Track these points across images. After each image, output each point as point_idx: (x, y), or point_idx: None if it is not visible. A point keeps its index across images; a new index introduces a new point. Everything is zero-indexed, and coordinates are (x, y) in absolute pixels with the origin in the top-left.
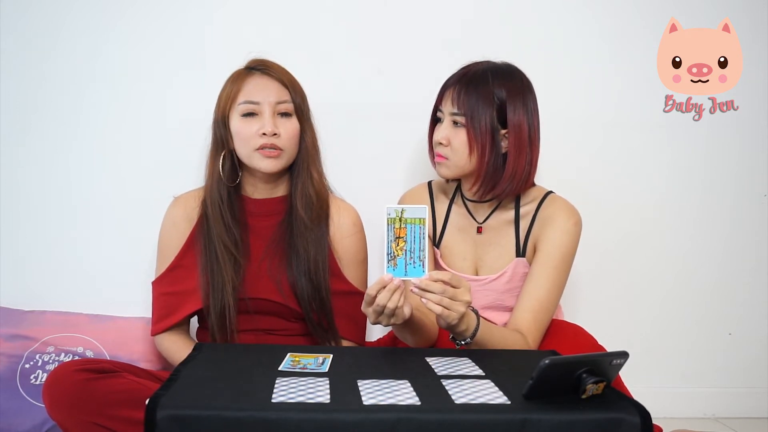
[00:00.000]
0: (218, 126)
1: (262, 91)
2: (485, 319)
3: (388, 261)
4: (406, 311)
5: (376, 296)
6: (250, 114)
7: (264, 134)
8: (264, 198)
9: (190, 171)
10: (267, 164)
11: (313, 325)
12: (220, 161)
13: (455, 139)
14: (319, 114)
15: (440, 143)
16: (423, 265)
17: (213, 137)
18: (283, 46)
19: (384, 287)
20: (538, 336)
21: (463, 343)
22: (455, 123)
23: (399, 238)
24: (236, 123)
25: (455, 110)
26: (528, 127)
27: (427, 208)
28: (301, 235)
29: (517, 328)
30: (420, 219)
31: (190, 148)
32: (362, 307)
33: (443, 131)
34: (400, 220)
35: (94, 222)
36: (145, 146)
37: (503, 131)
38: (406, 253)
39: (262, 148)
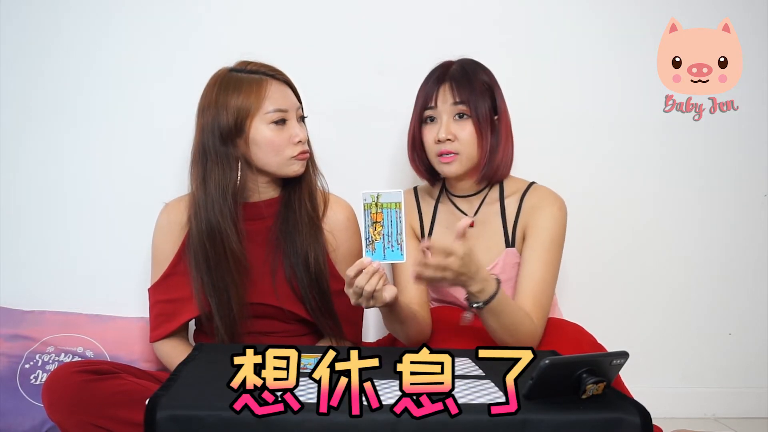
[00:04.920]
0: (225, 135)
1: (287, 99)
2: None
3: (367, 245)
4: (386, 295)
5: (355, 278)
6: (280, 122)
7: (299, 141)
8: (255, 201)
9: (187, 174)
10: (300, 167)
11: (316, 315)
12: (238, 172)
13: (462, 132)
14: (318, 113)
15: (447, 139)
16: (401, 248)
17: (212, 148)
18: (280, 47)
19: (363, 270)
20: (543, 316)
21: (475, 305)
22: (459, 115)
23: (376, 222)
24: (264, 132)
25: (458, 101)
26: (507, 112)
27: (403, 192)
28: (297, 230)
29: None
30: (396, 203)
31: (187, 151)
32: (345, 288)
33: (447, 127)
34: (376, 205)
35: (94, 222)
36: (144, 146)
37: (496, 117)
38: (383, 237)
39: (297, 154)
